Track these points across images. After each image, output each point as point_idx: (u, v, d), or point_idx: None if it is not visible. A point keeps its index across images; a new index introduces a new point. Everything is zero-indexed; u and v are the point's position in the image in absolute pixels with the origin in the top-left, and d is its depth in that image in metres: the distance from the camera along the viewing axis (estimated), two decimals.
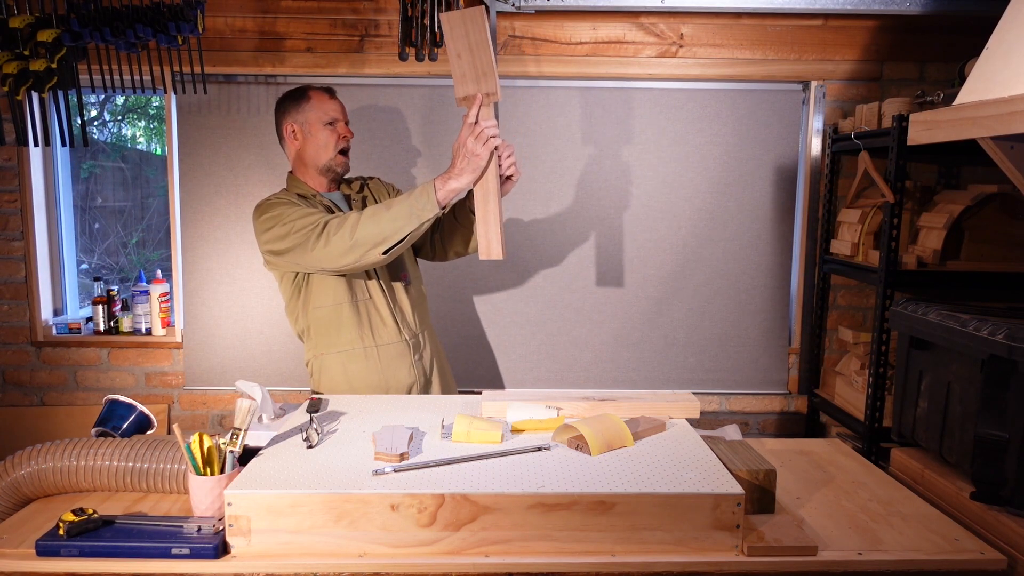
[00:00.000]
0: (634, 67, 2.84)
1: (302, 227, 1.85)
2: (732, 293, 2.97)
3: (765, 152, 2.90)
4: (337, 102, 2.10)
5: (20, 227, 2.92)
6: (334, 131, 2.06)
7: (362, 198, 2.18)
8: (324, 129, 2.04)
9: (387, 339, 2.06)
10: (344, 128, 2.08)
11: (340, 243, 1.79)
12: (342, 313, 2.02)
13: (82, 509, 1.31)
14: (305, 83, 2.15)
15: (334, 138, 2.06)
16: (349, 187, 2.19)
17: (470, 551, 1.29)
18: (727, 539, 1.30)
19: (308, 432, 1.51)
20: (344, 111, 2.11)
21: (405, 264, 2.15)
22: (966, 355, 1.60)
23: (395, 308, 2.08)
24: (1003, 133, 1.42)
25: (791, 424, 3.08)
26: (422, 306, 2.20)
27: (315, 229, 1.83)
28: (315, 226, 1.84)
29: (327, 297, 2.02)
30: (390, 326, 2.06)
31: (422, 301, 2.21)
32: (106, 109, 3.92)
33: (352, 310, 2.02)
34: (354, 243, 1.78)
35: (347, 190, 2.18)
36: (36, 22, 2.28)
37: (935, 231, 2.37)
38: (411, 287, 2.15)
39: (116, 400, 1.65)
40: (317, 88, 2.09)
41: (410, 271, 2.17)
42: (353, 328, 2.03)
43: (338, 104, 2.10)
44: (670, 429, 1.64)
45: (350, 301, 2.02)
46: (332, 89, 2.12)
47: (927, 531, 1.41)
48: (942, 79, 2.85)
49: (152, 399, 3.02)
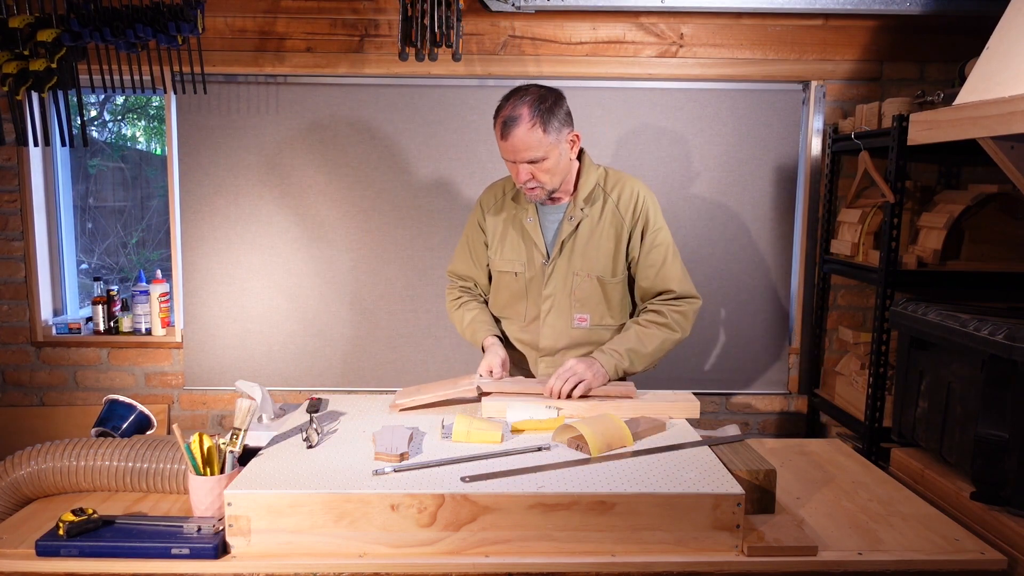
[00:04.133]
0: (634, 67, 2.84)
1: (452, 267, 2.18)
2: (732, 293, 2.97)
3: (765, 152, 2.90)
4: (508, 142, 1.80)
5: (20, 227, 2.92)
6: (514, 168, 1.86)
7: (575, 225, 1.93)
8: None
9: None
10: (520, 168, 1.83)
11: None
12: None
13: (82, 509, 1.31)
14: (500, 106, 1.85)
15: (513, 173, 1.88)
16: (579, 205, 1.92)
17: (470, 551, 1.29)
18: (727, 539, 1.30)
19: (308, 432, 1.51)
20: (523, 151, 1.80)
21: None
22: (966, 355, 1.60)
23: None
24: (1003, 133, 1.42)
25: (791, 424, 3.07)
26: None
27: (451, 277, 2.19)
28: (451, 277, 2.18)
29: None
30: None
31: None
32: (106, 109, 3.92)
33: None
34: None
35: (573, 209, 1.92)
36: (36, 22, 2.28)
37: (935, 231, 2.37)
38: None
39: (116, 400, 1.65)
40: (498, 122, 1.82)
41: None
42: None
43: (510, 144, 1.80)
44: (670, 429, 1.64)
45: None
46: (508, 122, 1.79)
47: (927, 531, 1.41)
48: (942, 79, 2.84)
49: (152, 399, 3.02)
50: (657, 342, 1.89)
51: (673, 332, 1.91)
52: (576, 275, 1.93)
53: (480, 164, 2.88)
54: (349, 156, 2.88)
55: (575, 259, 1.93)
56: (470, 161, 2.88)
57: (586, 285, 1.93)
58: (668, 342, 1.91)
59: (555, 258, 1.93)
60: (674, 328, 1.92)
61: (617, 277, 1.95)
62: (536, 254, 1.95)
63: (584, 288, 1.93)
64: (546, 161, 1.81)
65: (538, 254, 1.95)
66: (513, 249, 1.98)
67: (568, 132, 1.85)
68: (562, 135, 1.82)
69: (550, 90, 1.84)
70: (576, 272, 1.93)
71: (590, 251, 1.92)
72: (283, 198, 2.90)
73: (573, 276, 1.93)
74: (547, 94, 1.82)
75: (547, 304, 1.96)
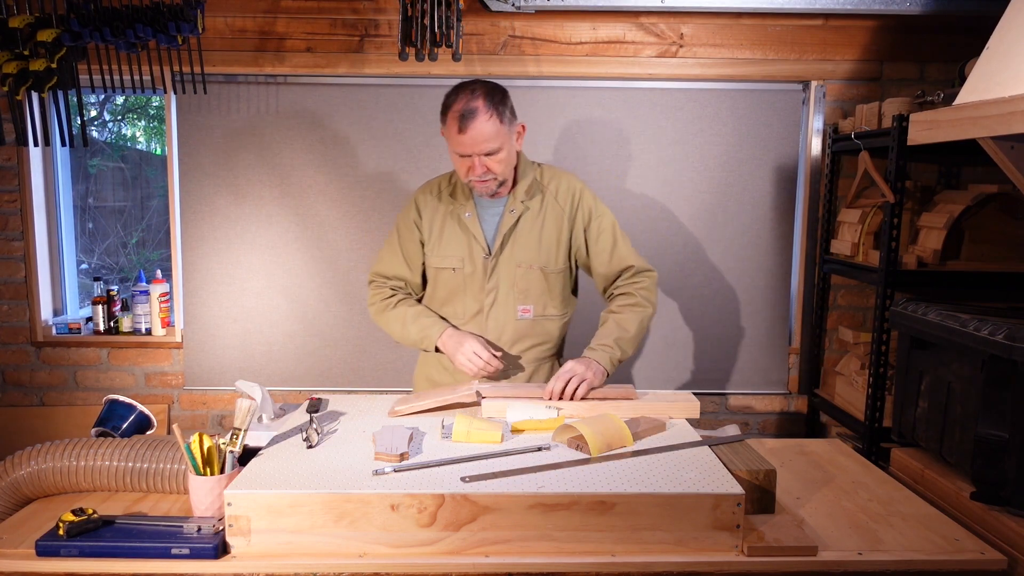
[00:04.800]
0: (634, 67, 2.84)
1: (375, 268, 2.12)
2: (732, 293, 2.97)
3: (765, 152, 2.90)
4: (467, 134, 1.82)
5: (20, 227, 2.92)
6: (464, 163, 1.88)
7: (516, 219, 1.96)
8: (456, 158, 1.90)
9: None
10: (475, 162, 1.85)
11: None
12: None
13: (82, 509, 1.31)
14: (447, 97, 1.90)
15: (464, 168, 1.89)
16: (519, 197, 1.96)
17: (470, 551, 1.29)
18: (727, 539, 1.30)
19: (308, 432, 1.51)
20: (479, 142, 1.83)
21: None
22: (966, 355, 1.60)
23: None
24: (1003, 133, 1.42)
25: (791, 424, 3.07)
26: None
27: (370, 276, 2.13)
28: (377, 278, 2.11)
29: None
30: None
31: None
32: (106, 109, 3.92)
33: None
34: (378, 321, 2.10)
35: (513, 203, 1.95)
36: (36, 22, 2.28)
37: (935, 231, 2.36)
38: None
39: (116, 400, 1.65)
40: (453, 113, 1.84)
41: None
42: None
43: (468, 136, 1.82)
44: (670, 429, 1.64)
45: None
46: (465, 115, 1.81)
47: (927, 531, 1.41)
48: (942, 79, 2.84)
49: (152, 399, 3.02)
50: (637, 322, 1.95)
51: (645, 308, 1.99)
52: (519, 267, 1.96)
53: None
54: (349, 156, 2.88)
55: (518, 251, 1.96)
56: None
57: (530, 276, 1.97)
58: (645, 319, 1.98)
59: (498, 251, 1.96)
60: (645, 305, 1.99)
61: (559, 267, 2.00)
62: (477, 249, 1.96)
63: (527, 279, 1.97)
64: (500, 152, 1.86)
65: (479, 248, 1.96)
66: (452, 245, 1.98)
67: (517, 123, 1.91)
68: (513, 126, 1.90)
69: (495, 84, 1.89)
70: (519, 264, 1.96)
71: (532, 242, 1.96)
72: (283, 198, 2.90)
73: (516, 268, 1.96)
74: (495, 87, 1.88)
75: (490, 298, 1.97)
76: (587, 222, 2.00)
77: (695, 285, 2.96)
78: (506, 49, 2.83)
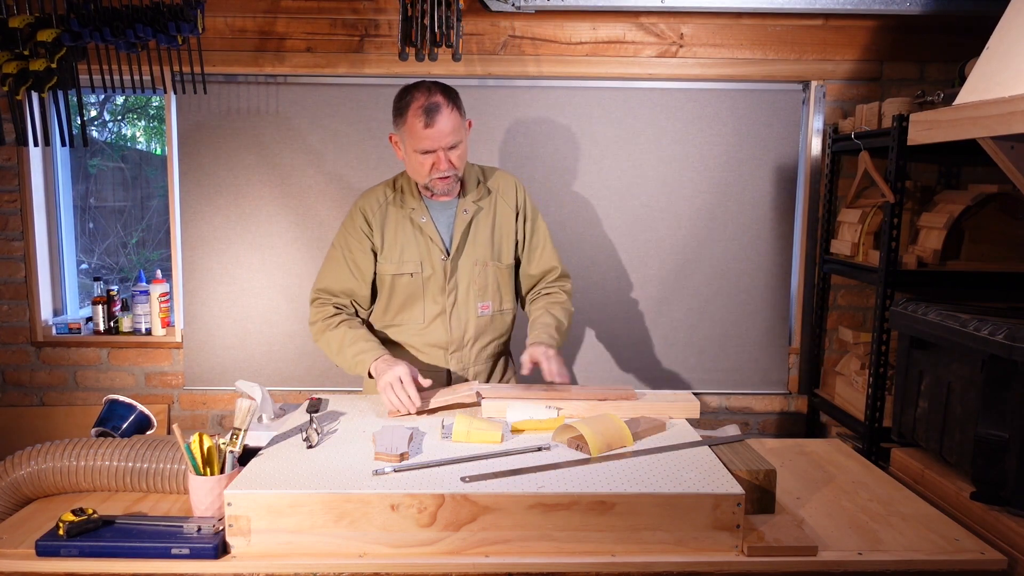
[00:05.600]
0: (634, 67, 2.84)
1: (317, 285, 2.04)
2: (732, 293, 2.97)
3: (765, 152, 2.90)
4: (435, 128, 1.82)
5: (20, 227, 2.92)
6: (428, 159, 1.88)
7: (469, 220, 1.98)
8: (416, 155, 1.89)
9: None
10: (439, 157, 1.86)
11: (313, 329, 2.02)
12: None
13: (82, 509, 1.31)
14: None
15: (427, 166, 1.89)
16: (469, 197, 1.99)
17: (470, 551, 1.29)
18: (727, 539, 1.30)
19: (308, 432, 1.51)
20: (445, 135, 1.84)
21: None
22: (966, 355, 1.60)
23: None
24: (1003, 133, 1.42)
25: (791, 424, 3.07)
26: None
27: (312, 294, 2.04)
28: (320, 295, 2.02)
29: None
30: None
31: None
32: (106, 109, 3.92)
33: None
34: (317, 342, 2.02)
35: (465, 203, 1.97)
36: (36, 22, 2.28)
37: (935, 231, 2.37)
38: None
39: (116, 400, 1.65)
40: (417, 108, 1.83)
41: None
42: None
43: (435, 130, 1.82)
44: (670, 429, 1.64)
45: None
46: (430, 109, 1.81)
47: (927, 531, 1.41)
48: (942, 79, 2.85)
49: (152, 399, 3.02)
50: (567, 318, 2.02)
51: (570, 308, 2.06)
52: (476, 264, 1.98)
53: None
54: (349, 156, 2.88)
55: (475, 249, 1.98)
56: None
57: (486, 273, 2.00)
58: (570, 316, 2.04)
59: (456, 252, 1.97)
60: (568, 305, 2.06)
61: (510, 261, 2.06)
62: (435, 251, 1.96)
63: (485, 276, 2.00)
64: (460, 146, 1.89)
65: (437, 251, 1.96)
66: (408, 250, 1.97)
67: (466, 119, 1.94)
68: (466, 119, 1.92)
69: (444, 83, 1.91)
70: (476, 262, 1.98)
71: (487, 240, 2.00)
72: (283, 198, 2.90)
73: (473, 266, 1.98)
74: (446, 85, 1.90)
75: (451, 298, 1.98)
76: (525, 220, 2.05)
77: (695, 285, 2.96)
78: (506, 49, 2.83)
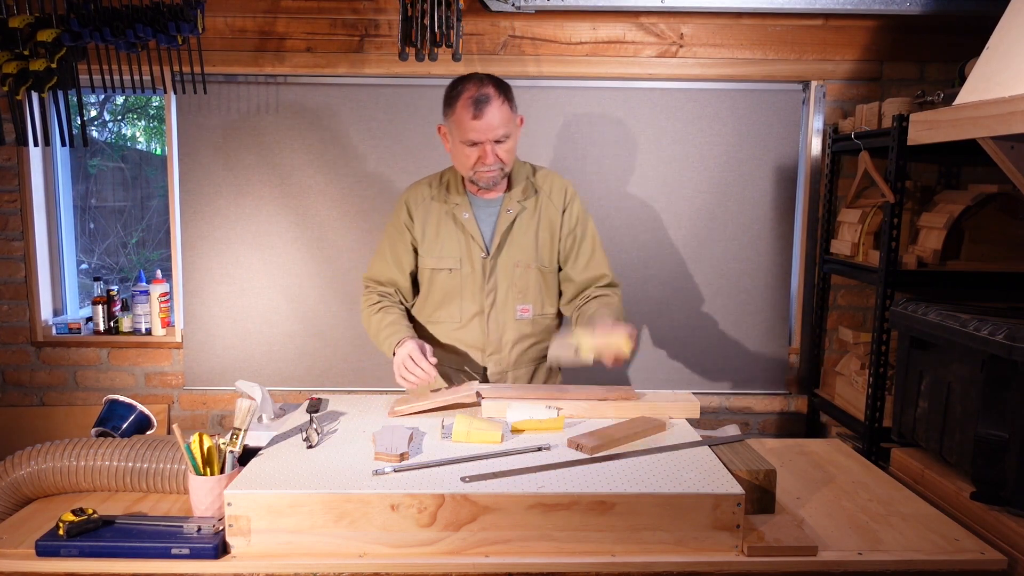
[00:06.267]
0: (634, 67, 2.84)
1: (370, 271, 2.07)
2: (732, 293, 2.97)
3: (765, 152, 2.90)
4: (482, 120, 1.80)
5: (20, 227, 2.92)
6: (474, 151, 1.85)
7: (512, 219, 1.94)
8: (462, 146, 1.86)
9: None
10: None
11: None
12: None
13: (82, 509, 1.31)
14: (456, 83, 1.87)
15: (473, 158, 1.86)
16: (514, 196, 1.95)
17: (470, 551, 1.29)
18: (727, 539, 1.30)
19: (308, 432, 1.51)
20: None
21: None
22: (966, 355, 1.60)
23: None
24: (1003, 133, 1.42)
25: (791, 424, 3.07)
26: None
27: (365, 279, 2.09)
28: (369, 283, 2.07)
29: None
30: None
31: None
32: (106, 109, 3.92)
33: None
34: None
35: (509, 202, 1.94)
36: (36, 22, 2.28)
37: (935, 231, 2.36)
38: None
39: (116, 400, 1.65)
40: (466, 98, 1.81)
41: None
42: None
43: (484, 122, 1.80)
44: (670, 429, 1.64)
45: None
46: (479, 100, 1.79)
47: (927, 531, 1.41)
48: (942, 79, 2.84)
49: (152, 399, 3.02)
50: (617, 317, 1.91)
51: (621, 312, 1.95)
52: (517, 266, 1.95)
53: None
54: (349, 156, 2.88)
55: (516, 251, 1.95)
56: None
57: (528, 276, 1.96)
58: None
59: (496, 251, 1.94)
60: (622, 313, 1.95)
61: (554, 266, 2.01)
62: (475, 249, 1.94)
63: (526, 279, 1.96)
64: (509, 139, 1.85)
65: (477, 249, 1.94)
66: (448, 246, 1.96)
67: (518, 115, 1.90)
68: (517, 115, 1.89)
69: (498, 77, 1.89)
70: (517, 263, 1.95)
71: (529, 242, 1.95)
72: (283, 198, 2.90)
73: (514, 268, 1.95)
74: (499, 78, 1.87)
75: (490, 298, 1.96)
76: (573, 225, 1.99)
77: (695, 285, 2.96)
78: (506, 49, 2.83)
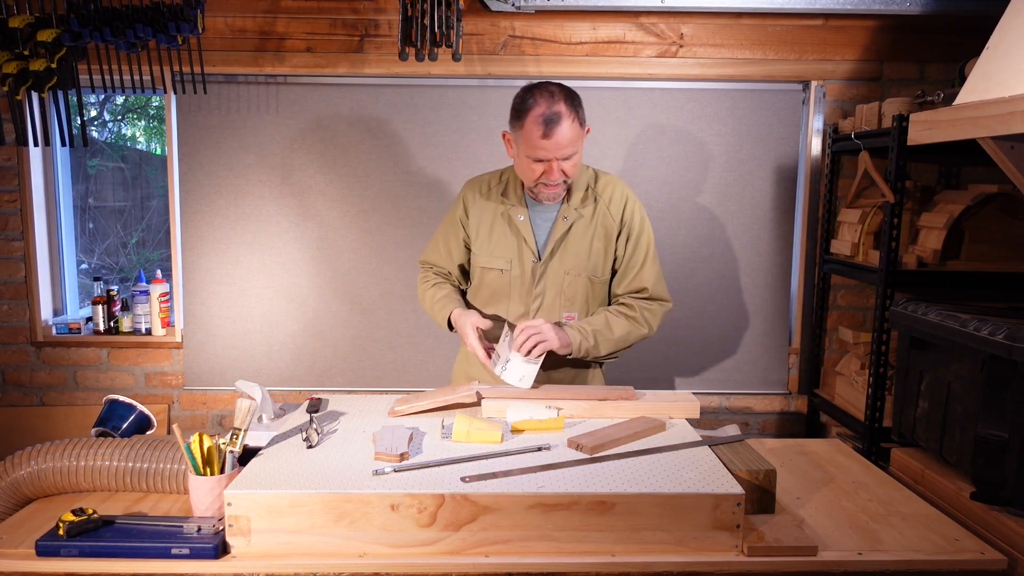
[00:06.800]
0: (634, 67, 2.84)
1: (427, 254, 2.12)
2: (732, 293, 2.97)
3: (765, 152, 2.90)
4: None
5: (20, 227, 2.92)
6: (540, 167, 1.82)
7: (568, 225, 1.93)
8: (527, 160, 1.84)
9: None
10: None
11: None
12: None
13: (82, 509, 1.31)
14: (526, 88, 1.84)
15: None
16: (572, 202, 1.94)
17: (470, 551, 1.29)
18: (727, 539, 1.30)
19: (308, 432, 1.51)
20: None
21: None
22: (966, 355, 1.60)
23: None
24: (1003, 133, 1.42)
25: (791, 424, 3.07)
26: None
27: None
28: (424, 265, 2.13)
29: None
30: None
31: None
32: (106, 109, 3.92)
33: None
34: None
35: (567, 210, 1.92)
36: (36, 22, 2.28)
37: (935, 231, 2.36)
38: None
39: (116, 400, 1.65)
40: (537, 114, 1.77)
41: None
42: None
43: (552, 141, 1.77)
44: (670, 429, 1.64)
45: None
46: (550, 120, 1.75)
47: (927, 531, 1.41)
48: (942, 79, 2.84)
49: (152, 399, 3.02)
50: (623, 331, 1.92)
51: (640, 327, 1.95)
52: (567, 274, 1.94)
53: (480, 164, 2.87)
54: (349, 156, 2.88)
55: (567, 258, 1.93)
56: (470, 161, 2.88)
57: (577, 284, 1.94)
58: (633, 335, 1.94)
59: (547, 257, 1.93)
60: (641, 323, 1.95)
61: (605, 277, 1.98)
62: (527, 252, 1.94)
63: (575, 287, 1.95)
64: (576, 155, 1.82)
65: (528, 252, 1.94)
66: (501, 246, 1.96)
67: (586, 126, 1.86)
68: (583, 129, 1.85)
69: (568, 86, 1.84)
70: (568, 271, 1.94)
71: (583, 251, 1.93)
72: (283, 198, 2.90)
73: (564, 275, 1.94)
74: (569, 89, 1.83)
75: (536, 303, 1.96)
76: (628, 236, 1.96)
77: (695, 285, 2.96)
78: (506, 49, 2.83)
